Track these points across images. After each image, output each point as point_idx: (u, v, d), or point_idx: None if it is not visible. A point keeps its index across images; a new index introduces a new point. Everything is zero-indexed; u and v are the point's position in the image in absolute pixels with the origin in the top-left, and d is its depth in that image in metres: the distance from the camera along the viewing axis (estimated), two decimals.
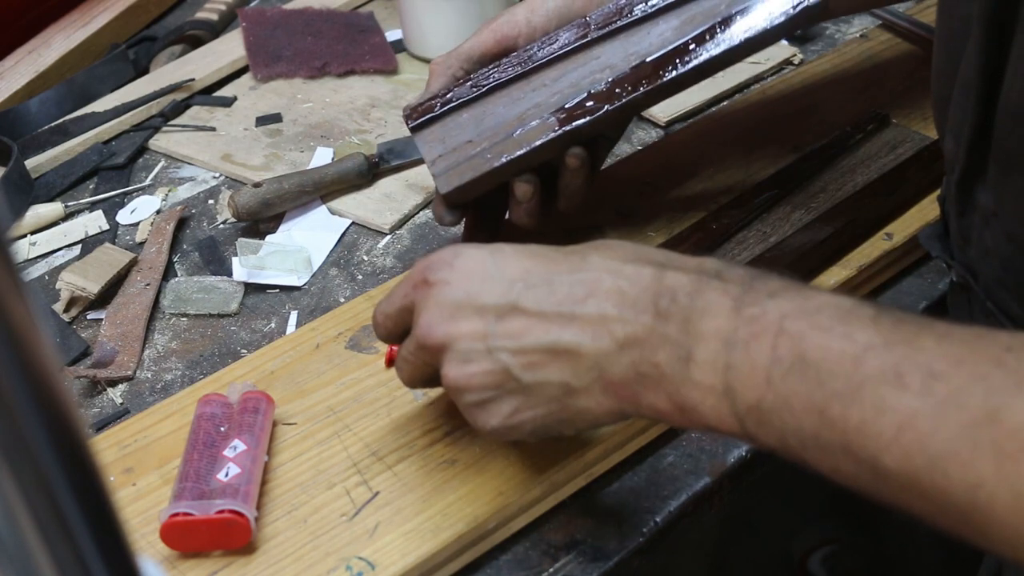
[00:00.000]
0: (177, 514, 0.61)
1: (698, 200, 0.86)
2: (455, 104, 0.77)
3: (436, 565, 0.63)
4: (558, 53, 0.76)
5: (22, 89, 1.11)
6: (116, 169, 1.02)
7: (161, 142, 1.04)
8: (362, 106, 1.07)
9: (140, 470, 0.68)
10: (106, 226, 0.95)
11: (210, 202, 0.97)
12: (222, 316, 0.85)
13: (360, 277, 0.88)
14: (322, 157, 1.00)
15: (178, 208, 0.95)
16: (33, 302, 0.28)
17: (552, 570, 0.64)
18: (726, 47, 0.75)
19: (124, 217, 0.96)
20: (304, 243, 0.90)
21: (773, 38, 0.75)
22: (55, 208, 0.97)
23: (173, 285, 0.87)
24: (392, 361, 0.72)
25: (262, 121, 1.05)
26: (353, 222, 0.93)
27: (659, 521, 0.67)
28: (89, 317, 0.86)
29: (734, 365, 0.51)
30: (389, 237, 0.91)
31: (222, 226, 0.94)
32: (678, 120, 1.01)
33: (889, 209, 0.83)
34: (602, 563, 0.64)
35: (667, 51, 0.75)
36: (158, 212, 0.96)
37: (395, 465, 0.67)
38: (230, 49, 1.15)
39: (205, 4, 1.25)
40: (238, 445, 0.65)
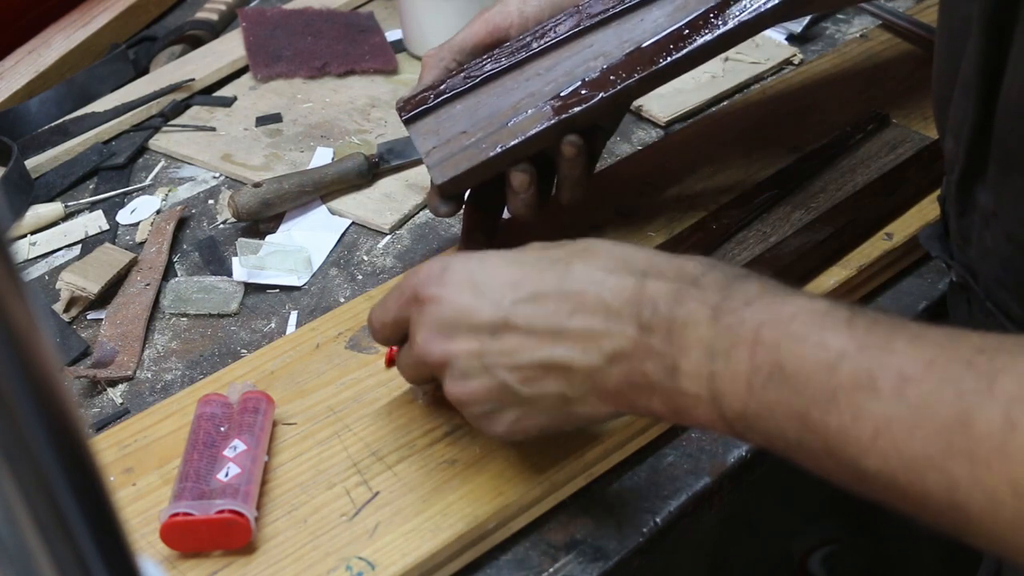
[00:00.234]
0: (177, 514, 0.61)
1: (698, 200, 0.86)
2: (448, 95, 0.77)
3: (436, 565, 0.63)
4: (551, 42, 0.76)
5: (22, 89, 1.11)
6: (116, 169, 1.02)
7: (161, 142, 1.04)
8: (362, 106, 1.07)
9: (140, 470, 0.68)
10: (106, 226, 0.95)
11: (210, 202, 0.97)
12: (222, 316, 0.85)
13: (360, 277, 0.88)
14: (322, 157, 1.00)
15: (178, 208, 0.95)
16: (33, 302, 0.28)
17: (552, 570, 0.64)
18: (720, 32, 0.74)
19: (124, 217, 0.96)
20: (304, 243, 0.90)
21: (766, 23, 0.75)
22: (55, 208, 0.97)
23: (173, 285, 0.87)
24: (392, 361, 0.72)
25: (262, 121, 1.05)
26: (353, 222, 0.93)
27: (659, 521, 0.67)
28: (89, 317, 0.86)
29: (717, 374, 0.52)
30: (389, 237, 0.91)
31: (222, 226, 0.94)
32: (678, 120, 1.01)
33: (889, 209, 0.83)
34: (602, 563, 0.65)
35: (661, 37, 0.75)
36: (158, 212, 0.96)
37: (395, 465, 0.67)
38: (230, 49, 1.15)
39: (205, 4, 1.25)
40: (238, 445, 0.65)
